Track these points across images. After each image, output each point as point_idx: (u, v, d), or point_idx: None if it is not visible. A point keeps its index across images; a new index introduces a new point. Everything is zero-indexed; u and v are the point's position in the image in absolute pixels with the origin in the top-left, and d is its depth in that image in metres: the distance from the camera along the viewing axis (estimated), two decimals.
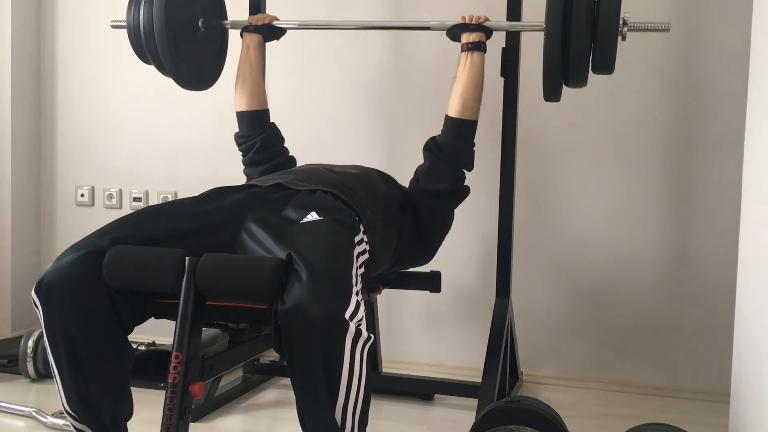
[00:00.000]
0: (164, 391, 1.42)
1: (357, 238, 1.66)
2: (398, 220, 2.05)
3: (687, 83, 2.55)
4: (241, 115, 2.28)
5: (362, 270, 1.63)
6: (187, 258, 1.44)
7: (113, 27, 2.34)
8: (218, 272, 1.44)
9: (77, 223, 3.10)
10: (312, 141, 2.85)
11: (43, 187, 3.22)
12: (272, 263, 1.43)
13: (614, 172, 2.63)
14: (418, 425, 2.26)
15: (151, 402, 1.72)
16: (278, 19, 2.34)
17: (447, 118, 2.11)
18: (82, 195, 3.16)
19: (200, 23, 2.27)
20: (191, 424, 1.50)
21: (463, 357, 2.74)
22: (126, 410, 1.57)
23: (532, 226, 2.66)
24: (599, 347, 2.67)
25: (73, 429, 1.56)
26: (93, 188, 3.15)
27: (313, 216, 1.62)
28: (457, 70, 2.12)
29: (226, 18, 2.39)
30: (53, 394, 1.53)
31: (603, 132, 2.62)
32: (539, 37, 1.92)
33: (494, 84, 2.32)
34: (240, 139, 2.29)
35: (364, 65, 2.83)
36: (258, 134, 2.25)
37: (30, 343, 2.49)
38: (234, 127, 2.31)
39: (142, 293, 1.54)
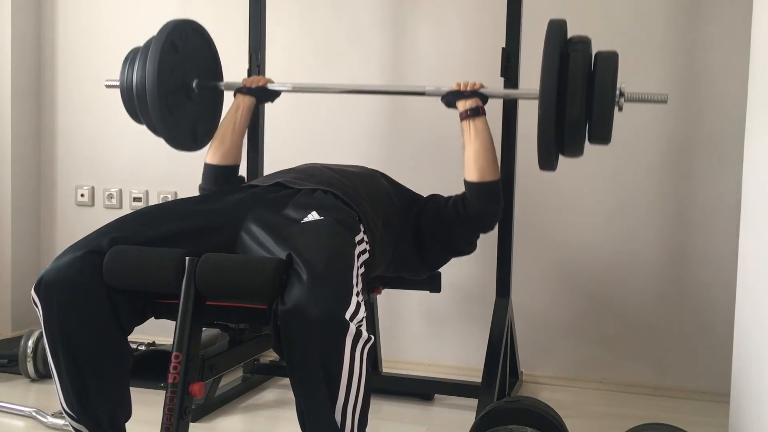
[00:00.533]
0: (164, 391, 1.42)
1: (357, 238, 1.66)
2: (400, 221, 2.04)
3: (688, 82, 2.55)
4: (209, 167, 2.22)
5: (362, 270, 1.63)
6: (187, 258, 1.44)
7: (107, 87, 2.31)
8: (218, 272, 1.44)
9: (77, 223, 3.10)
10: (312, 142, 2.86)
11: (43, 187, 3.22)
12: (272, 263, 1.43)
13: (614, 173, 2.62)
14: (418, 425, 2.26)
15: (151, 402, 1.72)
16: (273, 82, 2.34)
17: (468, 183, 2.08)
18: (82, 195, 3.16)
19: (194, 84, 2.25)
20: (191, 424, 1.50)
21: (463, 357, 2.74)
22: (124, 411, 1.57)
23: (532, 226, 2.66)
24: (599, 347, 2.67)
25: (71, 429, 1.56)
26: (93, 188, 3.15)
27: (314, 216, 1.62)
28: (464, 138, 2.09)
29: (221, 77, 2.37)
30: (53, 394, 1.53)
31: None
32: (538, 39, 1.90)
33: (494, 84, 2.32)
34: (204, 192, 2.23)
35: (365, 65, 2.83)
36: None
37: (30, 343, 2.49)
38: None
39: (142, 293, 1.54)
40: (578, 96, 1.82)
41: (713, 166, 2.54)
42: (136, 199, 3.08)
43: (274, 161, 2.46)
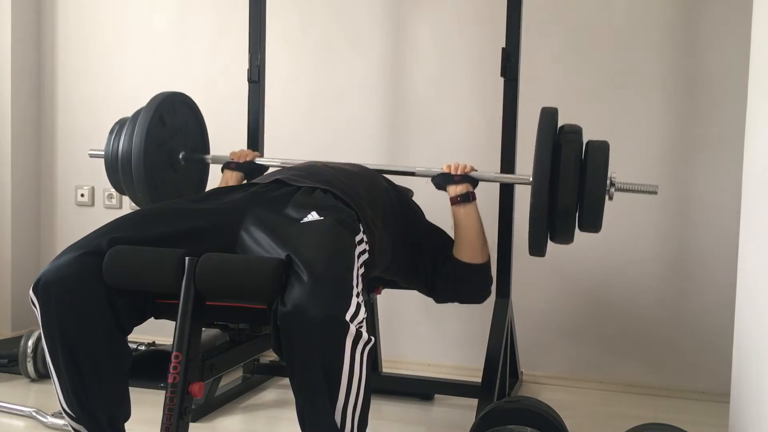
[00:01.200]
0: (164, 391, 1.42)
1: (357, 238, 1.65)
2: (398, 223, 2.03)
3: (688, 82, 2.55)
4: None
5: (362, 270, 1.63)
6: (187, 258, 1.44)
7: (91, 156, 2.30)
8: (218, 272, 1.44)
9: (77, 223, 3.10)
10: (312, 142, 2.86)
11: (43, 187, 3.22)
12: (272, 263, 1.42)
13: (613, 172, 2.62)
14: (418, 425, 2.26)
15: (151, 402, 1.72)
16: (261, 156, 2.32)
17: (459, 262, 2.08)
18: (82, 195, 3.16)
19: (181, 156, 2.24)
20: (191, 424, 1.50)
21: (463, 357, 2.74)
22: (124, 411, 1.56)
23: None
24: (599, 347, 2.67)
25: (71, 429, 1.55)
26: (93, 188, 3.15)
27: (313, 216, 1.61)
28: (453, 221, 2.09)
29: (208, 149, 2.36)
30: (53, 394, 1.53)
31: (602, 131, 2.61)
32: (537, 44, 1.90)
33: (494, 84, 2.32)
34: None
35: (365, 65, 2.83)
36: None
37: (30, 343, 2.49)
38: (235, 124, 2.31)
39: (141, 293, 1.54)
40: (570, 186, 1.85)
41: (713, 166, 2.53)
42: None
43: None
